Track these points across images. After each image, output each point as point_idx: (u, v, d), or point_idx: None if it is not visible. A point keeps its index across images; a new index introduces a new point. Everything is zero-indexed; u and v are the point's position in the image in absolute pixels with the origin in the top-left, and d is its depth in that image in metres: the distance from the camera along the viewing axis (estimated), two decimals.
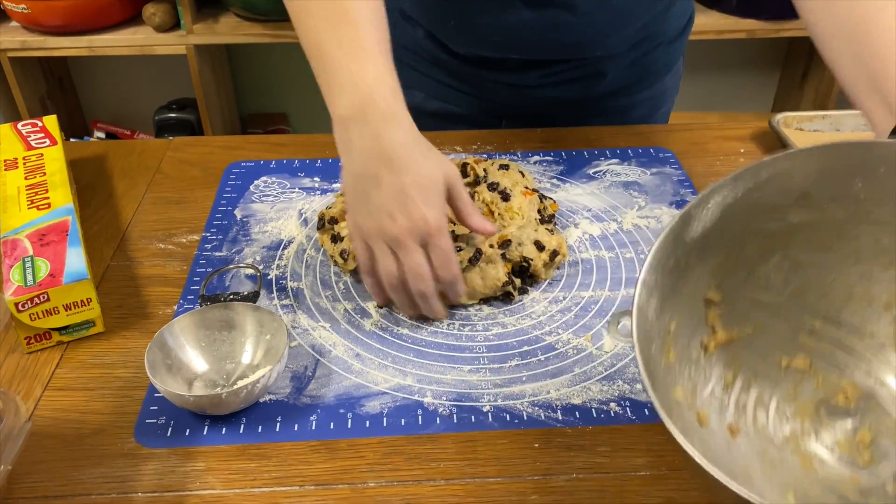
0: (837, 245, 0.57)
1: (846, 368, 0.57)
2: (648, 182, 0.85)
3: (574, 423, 0.57)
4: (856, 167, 0.53)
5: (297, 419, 0.57)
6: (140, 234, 0.78)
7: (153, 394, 0.59)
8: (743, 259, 0.57)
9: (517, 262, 0.68)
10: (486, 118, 0.98)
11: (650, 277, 0.49)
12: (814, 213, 0.55)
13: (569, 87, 0.93)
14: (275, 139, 0.95)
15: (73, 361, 0.63)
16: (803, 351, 0.57)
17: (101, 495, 0.52)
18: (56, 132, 0.85)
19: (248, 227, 0.79)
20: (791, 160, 0.53)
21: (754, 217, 0.55)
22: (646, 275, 0.48)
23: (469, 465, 0.54)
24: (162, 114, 2.03)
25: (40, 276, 0.62)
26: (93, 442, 0.56)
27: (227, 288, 0.70)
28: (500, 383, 0.60)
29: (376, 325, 0.66)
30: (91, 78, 2.19)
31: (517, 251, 0.68)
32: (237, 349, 0.61)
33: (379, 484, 0.52)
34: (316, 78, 0.63)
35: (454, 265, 0.61)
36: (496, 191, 0.72)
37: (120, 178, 0.88)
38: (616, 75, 0.93)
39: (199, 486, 0.52)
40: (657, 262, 0.49)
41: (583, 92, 0.94)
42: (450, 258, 0.61)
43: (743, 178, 0.53)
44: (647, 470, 0.53)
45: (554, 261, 0.70)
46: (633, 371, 0.61)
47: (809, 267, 0.58)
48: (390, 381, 0.60)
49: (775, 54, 2.20)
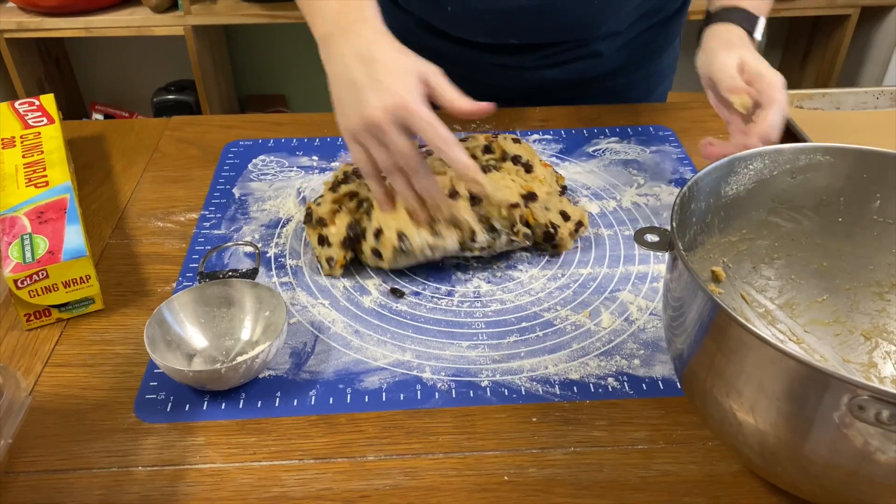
0: (837, 271, 0.59)
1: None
2: (648, 160, 0.85)
3: (572, 397, 0.57)
4: (880, 179, 0.54)
5: (297, 394, 0.57)
6: (139, 213, 0.78)
7: (153, 370, 0.59)
8: (754, 250, 0.58)
9: (543, 227, 0.68)
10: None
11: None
12: (826, 225, 0.57)
13: (567, 67, 0.93)
14: (273, 118, 0.95)
15: (73, 338, 0.63)
16: None
17: (102, 469, 0.52)
18: (53, 111, 0.85)
19: (247, 206, 0.78)
20: (828, 155, 0.54)
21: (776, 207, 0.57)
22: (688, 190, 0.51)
23: (467, 439, 0.54)
24: (160, 95, 2.03)
25: (39, 254, 0.62)
26: (93, 417, 0.56)
27: (225, 265, 0.70)
28: (499, 359, 0.60)
29: (375, 302, 0.66)
30: (89, 59, 2.18)
31: (544, 216, 0.68)
32: (236, 325, 0.62)
33: (378, 457, 0.53)
34: (304, 16, 0.67)
35: (440, 129, 0.59)
36: (520, 163, 0.72)
37: (118, 157, 0.88)
38: (614, 55, 0.92)
39: (198, 460, 0.53)
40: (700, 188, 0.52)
41: (581, 72, 0.93)
42: (433, 125, 0.59)
43: (783, 153, 0.54)
44: (645, 444, 0.54)
45: (578, 231, 0.71)
46: (631, 347, 0.61)
47: (806, 284, 0.60)
48: (389, 356, 0.61)
49: (777, 34, 2.19)
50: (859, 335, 0.58)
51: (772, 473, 0.47)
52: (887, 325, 0.57)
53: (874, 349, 0.57)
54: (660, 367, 0.59)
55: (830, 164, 0.55)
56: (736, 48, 0.69)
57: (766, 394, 0.41)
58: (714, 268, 0.58)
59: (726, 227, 0.57)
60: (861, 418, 0.37)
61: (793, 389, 0.39)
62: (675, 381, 0.58)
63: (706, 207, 0.54)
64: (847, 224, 0.57)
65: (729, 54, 0.68)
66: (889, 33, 1.92)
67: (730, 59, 0.68)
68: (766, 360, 0.40)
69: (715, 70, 0.68)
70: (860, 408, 0.37)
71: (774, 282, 0.60)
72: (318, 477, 0.52)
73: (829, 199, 0.56)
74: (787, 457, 0.43)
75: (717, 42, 0.70)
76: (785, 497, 0.50)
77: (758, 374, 0.41)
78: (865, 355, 0.57)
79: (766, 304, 0.60)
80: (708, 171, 0.52)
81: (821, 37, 1.98)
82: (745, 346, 0.41)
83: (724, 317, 0.41)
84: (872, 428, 0.37)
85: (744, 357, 0.41)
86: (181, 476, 0.52)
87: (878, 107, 0.94)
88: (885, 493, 0.40)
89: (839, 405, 0.37)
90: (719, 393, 0.44)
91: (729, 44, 0.70)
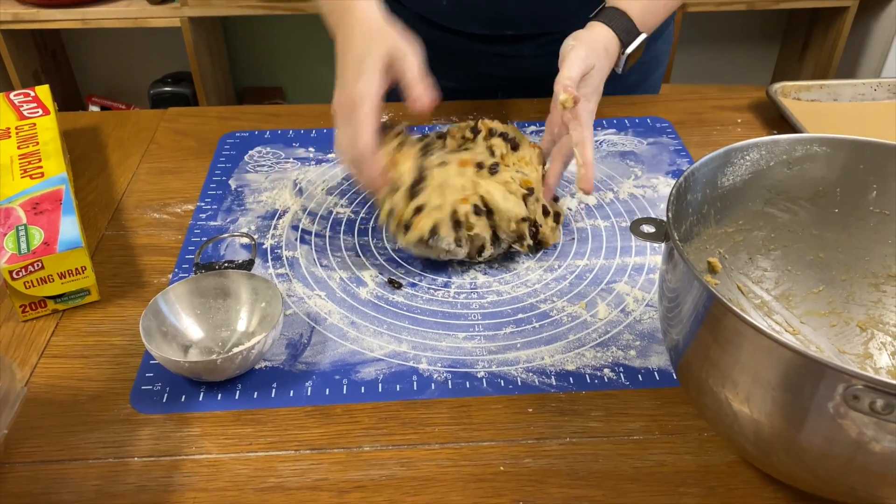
0: (833, 262, 0.59)
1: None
2: (645, 152, 0.85)
3: (568, 388, 0.57)
4: (876, 170, 0.54)
5: (293, 385, 0.57)
6: (134, 204, 0.78)
7: (149, 361, 0.59)
8: (751, 241, 0.58)
9: (531, 217, 0.68)
10: (481, 91, 0.97)
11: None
12: (822, 216, 0.57)
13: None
14: (269, 109, 0.95)
15: (69, 329, 0.63)
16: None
17: (98, 460, 0.52)
18: (49, 102, 0.84)
19: (243, 197, 0.78)
20: (825, 146, 0.54)
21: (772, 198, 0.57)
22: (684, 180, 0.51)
23: (463, 430, 0.54)
24: (157, 87, 2.02)
25: (34, 245, 0.62)
26: (89, 408, 0.56)
27: (221, 256, 0.70)
28: (495, 350, 0.60)
29: (372, 293, 0.66)
30: (85, 51, 2.17)
31: (533, 205, 0.67)
32: (232, 317, 0.61)
33: (374, 448, 0.53)
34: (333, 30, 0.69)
35: (361, 139, 0.61)
36: (507, 140, 0.71)
37: (114, 148, 0.87)
38: None
39: (194, 451, 0.53)
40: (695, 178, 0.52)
41: None
42: (358, 131, 0.61)
43: (780, 144, 0.54)
44: (640, 434, 0.54)
45: (558, 223, 0.70)
46: (627, 338, 0.61)
47: (802, 275, 0.60)
48: (385, 347, 0.61)
49: (775, 26, 2.18)
50: (855, 326, 0.58)
51: (766, 463, 0.47)
52: (883, 316, 0.58)
53: (870, 340, 0.57)
54: (655, 357, 0.59)
55: (827, 154, 0.55)
56: (596, 59, 0.69)
57: (761, 384, 0.41)
58: (710, 259, 0.58)
59: (722, 217, 0.57)
60: (856, 408, 0.37)
61: (788, 379, 0.39)
62: (671, 371, 0.58)
63: (702, 198, 0.54)
64: (843, 215, 0.57)
65: (588, 58, 0.68)
66: (888, 25, 1.91)
67: (585, 62, 0.67)
68: (762, 349, 0.40)
69: (570, 59, 0.67)
70: (855, 397, 0.37)
71: (771, 273, 0.60)
72: (314, 467, 0.52)
73: (826, 189, 0.56)
74: (782, 447, 0.43)
75: (587, 38, 0.70)
76: (779, 487, 0.50)
77: (753, 363, 0.41)
78: (861, 346, 0.57)
79: (762, 296, 0.60)
80: (704, 161, 0.52)
81: (819, 28, 1.97)
82: (741, 336, 0.41)
83: (719, 307, 0.41)
84: (867, 417, 0.37)
85: (739, 347, 0.41)
86: (177, 466, 0.52)
87: (876, 98, 0.93)
88: (880, 483, 0.41)
89: (834, 395, 0.37)
90: (715, 383, 0.44)
91: (596, 50, 0.69)
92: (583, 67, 0.67)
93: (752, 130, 0.90)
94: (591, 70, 0.68)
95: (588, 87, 0.68)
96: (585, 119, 0.65)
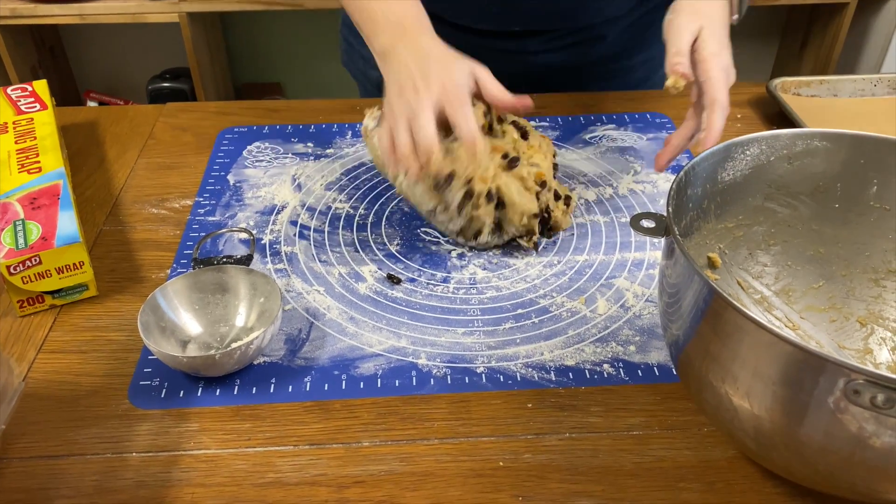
0: (834, 257, 0.59)
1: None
2: (645, 147, 0.85)
3: (567, 383, 0.57)
4: (877, 165, 0.54)
5: (292, 381, 0.57)
6: (133, 200, 0.78)
7: (147, 356, 0.59)
8: (751, 236, 0.58)
9: (542, 209, 0.68)
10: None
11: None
12: (822, 211, 0.57)
13: (569, 51, 0.92)
14: (268, 104, 0.95)
15: (67, 325, 0.63)
16: None
17: (96, 455, 0.52)
18: (46, 97, 0.84)
19: (241, 193, 0.78)
20: (825, 140, 0.54)
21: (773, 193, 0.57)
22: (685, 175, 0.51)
23: (462, 425, 0.54)
24: (155, 83, 2.02)
25: (32, 240, 0.62)
26: (87, 403, 0.56)
27: (220, 252, 0.70)
28: (494, 345, 0.60)
29: (371, 288, 0.66)
30: (83, 47, 2.17)
31: (545, 197, 0.68)
32: (231, 312, 0.61)
33: (373, 443, 0.53)
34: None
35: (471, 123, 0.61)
36: (517, 127, 0.71)
37: (112, 143, 0.87)
38: (615, 38, 0.92)
39: (193, 446, 0.53)
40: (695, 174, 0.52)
41: (582, 56, 0.93)
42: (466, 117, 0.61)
43: (780, 139, 0.54)
44: (640, 430, 0.53)
45: (569, 206, 0.71)
46: (627, 333, 0.61)
47: (802, 271, 0.60)
48: (385, 343, 0.60)
49: (775, 22, 2.18)
50: (855, 321, 0.58)
51: (766, 459, 0.47)
52: (883, 311, 0.57)
53: (870, 335, 0.57)
54: (655, 353, 0.59)
55: (827, 149, 0.55)
56: (702, 19, 0.65)
57: (761, 378, 0.41)
58: (710, 254, 0.58)
59: (723, 213, 0.57)
60: (856, 402, 0.37)
61: (788, 374, 0.39)
62: (671, 367, 0.58)
63: (702, 193, 0.54)
64: (843, 210, 0.57)
65: (691, 22, 0.64)
66: (887, 21, 1.91)
67: (688, 28, 0.64)
68: (762, 344, 0.40)
69: (671, 34, 0.64)
70: (855, 392, 0.36)
71: (771, 268, 0.60)
72: (313, 462, 0.51)
73: (826, 185, 0.56)
74: (783, 442, 0.43)
75: (687, 4, 0.66)
76: (779, 482, 0.50)
77: (753, 358, 0.41)
78: (861, 342, 0.57)
79: (762, 291, 0.60)
80: (704, 156, 0.52)
81: (819, 24, 1.97)
82: (741, 330, 0.41)
83: (720, 301, 0.41)
84: (867, 412, 0.37)
85: (740, 342, 0.41)
86: (175, 462, 0.52)
87: (876, 94, 0.93)
88: (879, 478, 0.40)
89: (835, 389, 0.37)
90: (715, 378, 0.44)
91: (697, 12, 0.65)
92: (687, 36, 0.63)
93: (751, 126, 0.89)
94: (701, 31, 0.64)
95: (709, 47, 0.63)
96: (716, 77, 0.61)
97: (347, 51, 1.02)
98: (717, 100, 0.60)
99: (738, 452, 0.52)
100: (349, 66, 1.04)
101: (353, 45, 0.99)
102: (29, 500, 0.49)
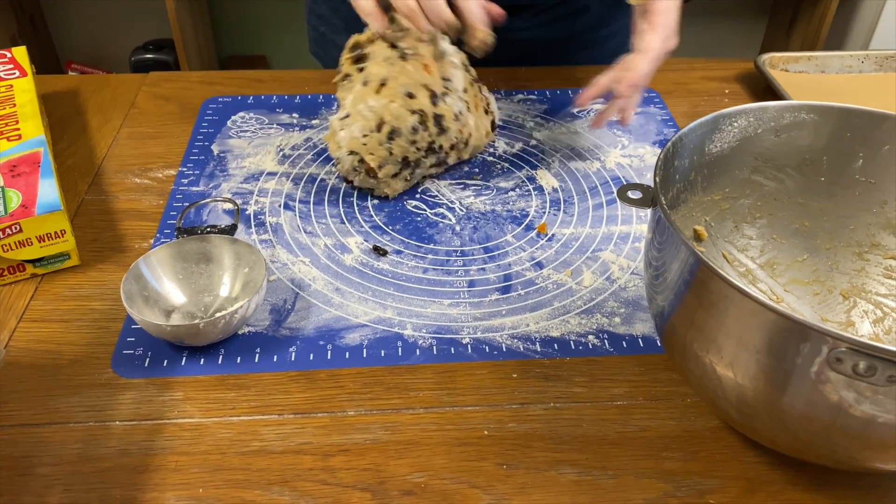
0: (818, 230, 0.59)
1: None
2: (632, 121, 0.84)
3: (552, 354, 0.57)
4: (863, 138, 0.54)
5: (277, 350, 0.57)
6: (115, 169, 0.76)
7: (130, 325, 0.59)
8: (737, 209, 0.58)
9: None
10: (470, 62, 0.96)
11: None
12: (808, 184, 0.57)
13: (554, 26, 0.91)
14: (253, 74, 0.93)
15: (49, 294, 0.62)
16: None
17: (79, 423, 0.52)
18: (26, 63, 0.82)
19: (226, 163, 0.77)
20: (812, 113, 0.54)
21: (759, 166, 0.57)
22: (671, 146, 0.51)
23: (448, 395, 0.54)
24: (138, 54, 1.99)
25: (12, 207, 0.61)
26: (69, 372, 0.55)
27: (204, 222, 0.69)
28: (480, 317, 0.60)
29: (357, 260, 0.65)
30: (64, 16, 2.13)
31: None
32: (215, 282, 0.61)
33: (358, 412, 0.53)
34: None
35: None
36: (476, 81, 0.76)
37: (94, 112, 0.86)
38: (597, 7, 0.91)
39: (177, 415, 0.52)
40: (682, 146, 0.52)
41: (567, 29, 0.92)
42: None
43: (768, 111, 0.54)
44: (624, 400, 0.54)
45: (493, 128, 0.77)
46: (612, 305, 0.61)
47: (787, 244, 0.60)
48: (370, 314, 0.60)
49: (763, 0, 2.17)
50: (838, 294, 0.58)
51: (749, 428, 0.47)
52: (866, 284, 0.58)
53: (852, 308, 0.58)
54: (640, 325, 0.59)
55: (814, 122, 0.55)
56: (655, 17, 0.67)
57: (745, 347, 0.41)
58: (696, 227, 0.58)
59: (709, 185, 0.57)
60: (839, 370, 0.37)
61: (773, 342, 0.39)
62: (655, 338, 0.58)
63: (690, 165, 0.54)
64: (829, 183, 0.57)
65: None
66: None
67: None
68: (747, 313, 0.40)
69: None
70: (838, 360, 0.37)
71: (756, 241, 0.60)
72: (298, 431, 0.51)
73: (813, 157, 0.56)
74: (765, 410, 0.43)
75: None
76: (761, 451, 0.51)
77: (738, 327, 0.41)
78: (843, 314, 0.58)
79: (747, 264, 0.60)
80: (692, 127, 0.52)
81: (807, 2, 1.96)
82: (727, 299, 0.41)
83: (705, 271, 0.41)
84: (849, 380, 0.37)
85: (725, 311, 0.41)
86: (159, 430, 0.51)
87: (863, 71, 0.93)
88: (859, 445, 0.41)
89: (818, 357, 0.38)
90: (699, 348, 0.44)
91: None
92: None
93: (739, 101, 0.89)
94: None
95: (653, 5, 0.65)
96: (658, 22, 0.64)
97: (317, 39, 1.01)
98: (648, 45, 0.64)
99: (720, 422, 0.52)
100: (319, 55, 1.03)
101: (324, 34, 0.98)
102: (11, 468, 0.49)
